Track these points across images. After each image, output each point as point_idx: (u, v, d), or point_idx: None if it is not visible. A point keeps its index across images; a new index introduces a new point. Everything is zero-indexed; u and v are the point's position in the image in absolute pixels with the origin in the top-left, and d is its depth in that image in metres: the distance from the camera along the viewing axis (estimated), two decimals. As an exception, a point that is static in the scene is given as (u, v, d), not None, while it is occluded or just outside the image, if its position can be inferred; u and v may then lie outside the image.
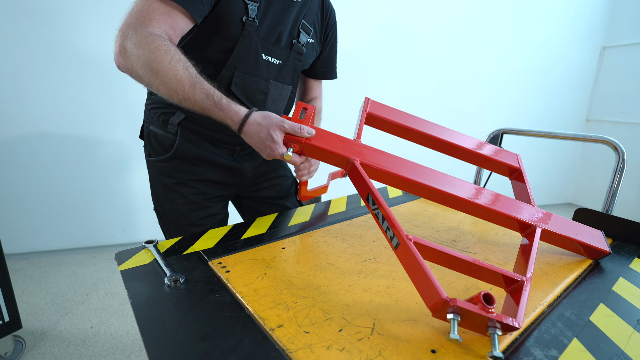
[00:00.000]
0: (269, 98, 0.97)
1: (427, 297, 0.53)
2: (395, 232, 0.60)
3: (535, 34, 3.25)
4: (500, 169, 0.93)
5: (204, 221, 1.04)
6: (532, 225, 0.73)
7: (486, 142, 0.94)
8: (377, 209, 0.65)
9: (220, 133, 0.98)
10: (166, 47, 0.71)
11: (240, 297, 0.60)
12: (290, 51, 0.96)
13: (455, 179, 0.77)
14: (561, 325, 0.55)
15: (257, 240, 0.84)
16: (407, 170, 0.75)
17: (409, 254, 0.56)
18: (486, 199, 0.75)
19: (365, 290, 0.63)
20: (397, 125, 0.90)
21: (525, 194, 0.85)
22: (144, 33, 0.71)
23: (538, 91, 3.43)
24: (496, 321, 0.48)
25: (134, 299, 0.59)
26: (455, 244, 0.84)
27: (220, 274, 0.67)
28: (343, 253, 0.78)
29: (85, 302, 1.94)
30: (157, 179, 1.02)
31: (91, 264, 2.32)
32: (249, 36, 0.87)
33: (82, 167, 2.31)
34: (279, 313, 0.56)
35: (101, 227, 2.45)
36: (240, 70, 0.89)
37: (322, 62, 1.11)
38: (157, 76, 0.71)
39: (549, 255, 0.80)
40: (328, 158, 0.77)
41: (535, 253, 0.65)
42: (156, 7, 0.73)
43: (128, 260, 0.73)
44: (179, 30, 0.77)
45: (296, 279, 0.66)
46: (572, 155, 3.81)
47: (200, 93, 0.73)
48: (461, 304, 0.48)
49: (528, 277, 0.58)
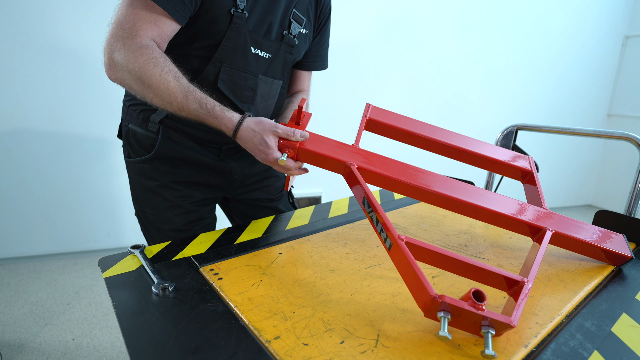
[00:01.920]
0: (257, 94, 0.97)
1: (418, 297, 0.55)
2: (388, 234, 0.62)
3: (553, 22, 3.25)
4: (511, 172, 0.95)
5: (189, 227, 1.03)
6: (542, 228, 0.74)
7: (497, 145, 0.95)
8: (372, 212, 0.68)
9: (205, 131, 0.98)
10: (155, 59, 0.76)
11: (234, 306, 0.60)
12: (281, 44, 0.96)
13: (458, 182, 0.79)
14: (580, 337, 0.56)
15: (252, 245, 0.84)
16: (407, 174, 0.77)
17: (400, 254, 0.58)
18: (491, 202, 0.77)
19: (369, 299, 0.63)
20: (399, 130, 0.92)
21: (537, 198, 0.86)
22: (132, 46, 0.76)
23: (555, 84, 3.44)
24: (489, 319, 0.50)
25: (119, 309, 0.59)
26: (466, 249, 0.84)
27: (212, 281, 0.67)
28: (345, 259, 0.78)
29: (67, 312, 1.94)
30: (138, 181, 1.01)
31: (73, 271, 2.32)
32: (237, 29, 0.87)
33: (62, 166, 2.31)
34: (275, 324, 0.56)
35: (84, 230, 2.45)
36: (228, 65, 0.90)
37: (311, 52, 1.09)
38: (150, 89, 0.77)
39: (568, 261, 0.80)
40: (324, 163, 0.80)
41: (541, 256, 0.66)
42: (142, 15, 0.77)
43: (113, 266, 0.73)
44: (166, 36, 0.82)
45: (294, 287, 0.66)
46: (592, 153, 3.81)
47: (194, 102, 0.79)
48: (450, 301, 0.50)
49: (529, 278, 0.59)
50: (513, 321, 0.51)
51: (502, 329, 0.51)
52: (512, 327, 0.50)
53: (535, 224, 0.75)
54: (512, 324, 0.50)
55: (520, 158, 0.95)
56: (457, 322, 0.52)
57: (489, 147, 0.95)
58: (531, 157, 0.97)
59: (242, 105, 0.96)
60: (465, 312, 0.50)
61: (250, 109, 0.97)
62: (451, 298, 0.51)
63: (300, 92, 1.15)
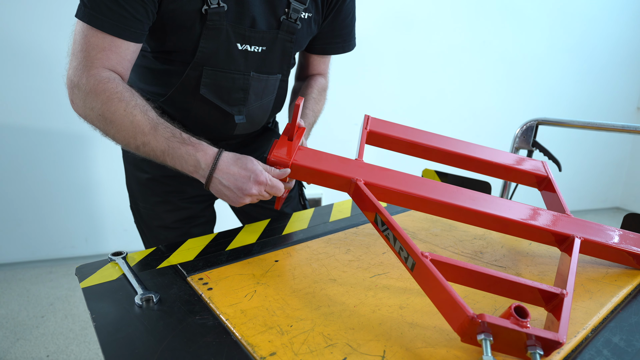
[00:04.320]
0: (250, 94, 0.95)
1: (452, 319, 0.53)
2: (409, 251, 0.62)
3: (576, 5, 3.25)
4: (525, 179, 0.97)
5: (179, 224, 1.04)
6: (570, 236, 0.74)
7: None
8: (387, 230, 0.68)
9: (199, 124, 0.98)
10: (120, 95, 0.76)
11: (225, 319, 0.60)
12: (278, 32, 0.91)
13: (474, 193, 0.80)
14: (608, 354, 0.55)
15: (245, 251, 0.84)
16: (419, 187, 0.78)
17: (426, 273, 0.58)
18: (512, 212, 0.77)
19: (374, 311, 0.63)
20: (403, 142, 0.94)
21: (558, 204, 0.87)
22: (91, 80, 0.75)
23: (580, 74, 3.43)
24: (535, 337, 0.49)
25: (99, 322, 0.59)
26: (482, 257, 0.84)
27: (201, 291, 0.67)
28: (347, 267, 0.78)
29: (41, 325, 1.93)
30: (132, 172, 1.04)
31: (47, 280, 2.32)
32: (215, 26, 0.83)
33: (34, 165, 2.31)
34: (271, 338, 0.55)
35: (59, 235, 2.45)
36: (210, 67, 0.87)
37: (324, 34, 1.03)
38: (112, 125, 0.77)
39: (593, 269, 0.80)
40: (327, 181, 0.80)
41: (575, 265, 0.66)
42: (94, 43, 0.75)
43: (91, 275, 0.73)
44: (127, 60, 0.81)
45: (292, 298, 0.66)
46: (621, 151, 3.81)
47: (165, 132, 0.78)
48: (490, 320, 0.49)
49: (568, 290, 0.59)
50: (561, 337, 0.50)
51: (550, 348, 0.50)
52: (561, 345, 0.50)
53: (562, 232, 0.75)
54: (560, 340, 0.49)
55: (533, 163, 0.97)
56: (498, 344, 0.51)
57: (500, 154, 0.97)
58: (545, 162, 1.00)
59: (232, 108, 0.94)
60: (508, 331, 0.49)
61: (241, 110, 0.96)
62: (492, 317, 0.49)
63: (317, 75, 1.12)
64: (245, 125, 1.00)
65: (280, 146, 0.83)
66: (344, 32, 1.05)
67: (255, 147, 1.14)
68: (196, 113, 0.95)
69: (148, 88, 0.96)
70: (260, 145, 1.16)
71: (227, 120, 0.96)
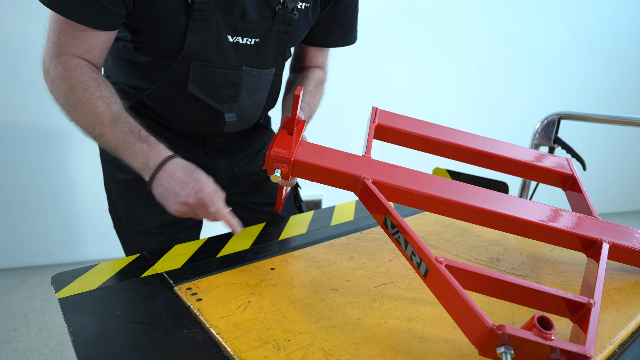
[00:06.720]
0: (242, 90, 0.95)
1: (470, 330, 0.54)
2: (422, 257, 0.61)
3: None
4: (548, 178, 0.96)
5: (162, 229, 1.04)
6: (597, 240, 0.74)
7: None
8: (397, 233, 0.67)
9: (186, 121, 0.97)
10: (84, 84, 0.80)
11: (216, 333, 0.60)
12: (273, 23, 0.91)
13: (492, 192, 0.80)
14: (637, 371, 0.55)
15: (238, 258, 0.84)
16: (434, 187, 0.77)
17: (441, 280, 0.58)
18: (535, 213, 0.77)
19: (380, 324, 0.63)
20: (415, 136, 0.93)
21: (584, 205, 0.86)
22: (58, 67, 0.80)
23: (605, 64, 3.44)
24: (559, 350, 0.49)
25: (77, 336, 0.59)
26: (498, 264, 0.84)
27: (189, 302, 0.67)
28: (351, 275, 0.78)
29: (13, 340, 1.93)
30: (110, 172, 1.04)
31: (20, 290, 2.32)
32: (204, 17, 0.83)
33: (3, 163, 2.30)
34: (266, 354, 0.55)
35: (33, 241, 2.45)
36: (199, 61, 0.88)
37: (322, 25, 1.04)
38: (75, 113, 0.82)
39: (621, 277, 0.80)
40: (331, 179, 0.80)
41: (603, 272, 0.66)
42: (64, 30, 0.79)
43: (69, 284, 0.73)
44: (98, 49, 0.84)
45: (289, 310, 0.66)
46: (651, 148, 3.82)
47: (124, 126, 0.81)
48: (512, 331, 0.49)
49: (596, 300, 0.59)
50: (589, 351, 0.50)
51: None
52: (589, 359, 0.50)
53: (589, 236, 0.74)
54: (588, 354, 0.49)
55: (557, 160, 0.96)
56: (519, 357, 0.51)
57: (520, 150, 0.96)
58: (569, 159, 0.99)
59: (222, 105, 0.94)
60: (530, 344, 0.49)
61: (232, 108, 0.96)
62: (513, 328, 0.49)
63: (314, 67, 1.12)
64: (235, 123, 1.00)
65: (280, 141, 0.82)
66: (344, 23, 1.05)
67: (246, 145, 1.14)
68: (182, 110, 0.95)
69: (128, 81, 0.96)
70: (252, 143, 1.16)
71: (217, 118, 0.97)
